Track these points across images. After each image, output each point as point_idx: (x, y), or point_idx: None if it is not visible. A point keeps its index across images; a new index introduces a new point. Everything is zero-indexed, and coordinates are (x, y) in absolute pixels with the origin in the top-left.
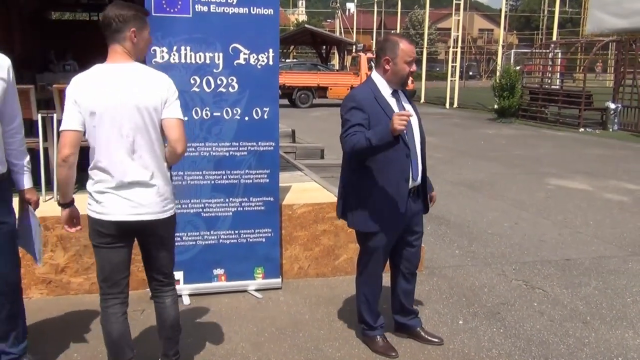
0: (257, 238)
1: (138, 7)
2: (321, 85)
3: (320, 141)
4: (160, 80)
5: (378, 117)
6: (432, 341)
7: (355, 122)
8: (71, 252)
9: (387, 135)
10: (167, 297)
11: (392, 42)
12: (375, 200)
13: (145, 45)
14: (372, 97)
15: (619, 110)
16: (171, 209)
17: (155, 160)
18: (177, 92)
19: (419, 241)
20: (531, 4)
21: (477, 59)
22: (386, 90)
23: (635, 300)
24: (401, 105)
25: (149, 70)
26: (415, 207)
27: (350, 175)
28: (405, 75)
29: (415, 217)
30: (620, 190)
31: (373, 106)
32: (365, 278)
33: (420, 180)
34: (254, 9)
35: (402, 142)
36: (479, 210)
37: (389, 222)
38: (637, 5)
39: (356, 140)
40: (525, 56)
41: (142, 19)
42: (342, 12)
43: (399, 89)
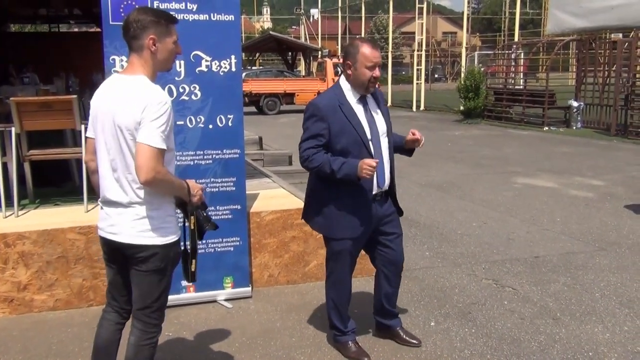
0: (225, 247)
1: (162, 13)
2: (288, 92)
3: (289, 147)
4: (139, 100)
5: (341, 125)
6: (411, 342)
7: (314, 132)
8: (33, 269)
9: (352, 175)
10: (132, 333)
11: (354, 46)
12: (339, 206)
13: (170, 56)
14: (336, 104)
15: (582, 108)
16: (152, 237)
17: (134, 183)
18: (158, 115)
19: (396, 242)
20: (493, 7)
21: (442, 61)
22: (352, 96)
23: (604, 295)
24: (369, 112)
25: (140, 86)
26: (383, 210)
27: (316, 180)
28: (366, 81)
29: (385, 219)
30: (586, 186)
31: (336, 114)
32: (332, 283)
33: (389, 185)
34: (215, 15)
35: (366, 152)
36: (448, 211)
37: (351, 228)
38: (594, 4)
39: (319, 163)
40: (489, 57)
41: (164, 25)
42: (307, 18)
43: (366, 95)
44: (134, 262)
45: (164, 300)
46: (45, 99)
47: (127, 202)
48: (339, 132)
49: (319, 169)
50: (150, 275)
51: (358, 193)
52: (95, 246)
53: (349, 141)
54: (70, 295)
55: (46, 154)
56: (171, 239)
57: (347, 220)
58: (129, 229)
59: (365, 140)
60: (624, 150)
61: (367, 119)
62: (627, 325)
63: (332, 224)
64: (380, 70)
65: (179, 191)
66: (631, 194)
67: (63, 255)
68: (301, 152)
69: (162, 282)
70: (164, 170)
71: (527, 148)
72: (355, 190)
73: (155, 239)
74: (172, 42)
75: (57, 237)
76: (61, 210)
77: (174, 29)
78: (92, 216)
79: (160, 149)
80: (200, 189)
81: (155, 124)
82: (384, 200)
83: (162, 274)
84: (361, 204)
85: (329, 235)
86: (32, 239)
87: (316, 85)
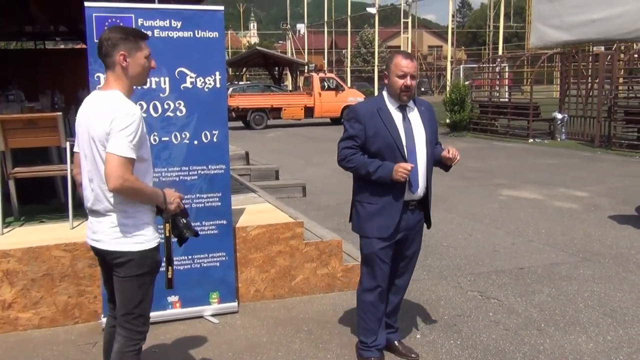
0: (211, 262)
1: (131, 30)
2: (275, 106)
3: (276, 162)
4: (108, 112)
5: (376, 129)
6: (409, 356)
7: (350, 133)
8: (18, 287)
9: (387, 178)
10: (116, 340)
11: (390, 56)
12: (371, 206)
13: (142, 71)
14: (374, 109)
15: (566, 120)
16: (127, 244)
17: (108, 192)
18: (125, 125)
19: (415, 257)
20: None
21: (428, 75)
22: (391, 104)
23: (587, 305)
24: (407, 120)
25: (111, 100)
26: (414, 220)
27: (355, 183)
28: (398, 89)
29: (412, 230)
30: (570, 197)
31: (373, 118)
32: (361, 290)
33: (423, 194)
34: (199, 32)
35: (400, 157)
36: (433, 224)
37: (379, 228)
38: (576, 18)
39: (356, 164)
40: (474, 71)
41: (133, 41)
42: (293, 33)
43: (405, 104)
44: (114, 268)
45: (146, 307)
46: (30, 116)
47: (104, 211)
48: (374, 134)
49: (356, 169)
50: (129, 281)
51: (390, 195)
52: (81, 263)
53: (383, 144)
54: (55, 312)
55: (31, 171)
56: (147, 246)
57: (377, 220)
58: (106, 236)
59: (399, 144)
60: (608, 161)
61: (404, 125)
62: (611, 334)
63: (362, 223)
64: (412, 80)
65: (153, 199)
66: (615, 204)
67: (48, 273)
68: (339, 152)
69: (142, 288)
70: (132, 178)
71: (513, 160)
72: (387, 192)
73: (131, 245)
74: (143, 56)
75: (42, 254)
76: (46, 228)
77: (144, 44)
78: (77, 233)
79: (127, 157)
80: (178, 197)
81: (123, 134)
82: (417, 209)
83: (140, 280)
84: (392, 207)
85: (360, 233)
86: (16, 256)
87: (303, 99)
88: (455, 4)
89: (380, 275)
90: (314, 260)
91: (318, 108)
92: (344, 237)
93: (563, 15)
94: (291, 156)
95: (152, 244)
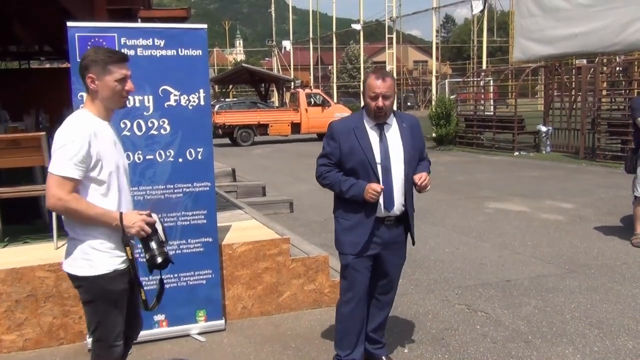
0: (198, 280)
1: (104, 53)
2: (262, 123)
3: (263, 178)
4: (57, 132)
5: (351, 147)
6: None
7: (326, 151)
8: (2, 309)
9: (359, 197)
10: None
11: (366, 75)
12: (345, 222)
13: (112, 94)
14: (350, 127)
15: (550, 132)
16: (75, 268)
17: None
18: (63, 143)
19: (396, 271)
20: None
21: (414, 89)
22: (368, 122)
23: (574, 317)
24: (384, 138)
25: (68, 119)
26: (391, 236)
27: (333, 199)
28: (371, 111)
29: (391, 246)
30: (556, 209)
31: (349, 136)
32: (339, 303)
33: (401, 211)
34: (182, 50)
35: (373, 175)
36: (421, 238)
37: (351, 244)
38: (558, 32)
39: (331, 181)
40: (459, 85)
41: (101, 65)
42: (279, 50)
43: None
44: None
45: (104, 333)
46: (13, 137)
47: (67, 231)
48: (349, 152)
49: (330, 186)
50: (84, 305)
51: (362, 213)
52: (65, 283)
53: (357, 162)
54: (40, 334)
55: (15, 191)
56: (93, 272)
57: (349, 236)
58: (65, 256)
59: (372, 163)
60: (593, 172)
61: (380, 143)
62: (597, 345)
63: (338, 239)
64: (385, 100)
65: (102, 221)
66: (600, 215)
67: (32, 294)
68: (316, 168)
69: (97, 314)
70: (69, 197)
71: (498, 173)
72: (360, 209)
73: (78, 269)
74: (112, 80)
75: (26, 275)
76: (30, 248)
77: (115, 68)
78: (61, 253)
79: (63, 176)
80: (141, 219)
81: (61, 152)
82: (394, 225)
83: (92, 306)
84: (363, 224)
85: (336, 248)
86: (0, 277)
87: (290, 115)
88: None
89: (357, 286)
90: (300, 277)
91: (305, 124)
92: (331, 253)
93: (545, 30)
94: (278, 172)
95: (100, 271)
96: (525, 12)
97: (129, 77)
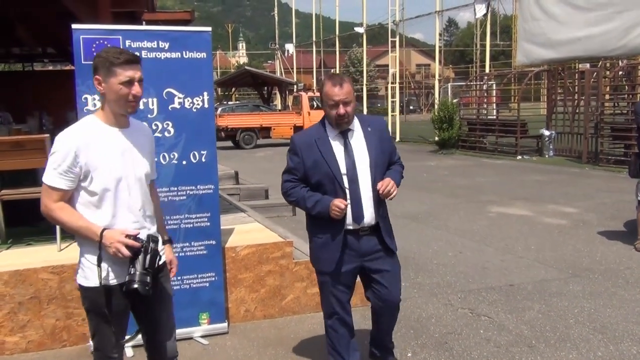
0: (201, 283)
1: (111, 54)
2: (264, 126)
3: (266, 181)
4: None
5: (314, 160)
6: None
7: (290, 166)
8: (5, 311)
9: (325, 214)
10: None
11: (322, 83)
12: (317, 239)
13: (117, 97)
14: (312, 140)
15: (553, 136)
16: (78, 273)
17: None
18: (52, 152)
19: (387, 279)
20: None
21: (417, 93)
22: (331, 132)
23: (578, 321)
24: (349, 147)
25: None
26: (370, 246)
27: (305, 214)
28: (333, 120)
29: (371, 255)
30: (559, 213)
31: (311, 149)
32: (324, 317)
33: (374, 221)
34: (187, 53)
35: (339, 187)
36: (423, 242)
37: (325, 261)
38: (561, 36)
39: (295, 198)
40: (462, 89)
41: (106, 67)
42: (282, 53)
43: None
44: None
45: (100, 343)
46: (16, 139)
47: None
48: (312, 166)
49: (296, 202)
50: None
51: (331, 229)
52: (69, 285)
53: (322, 176)
54: (43, 336)
55: (19, 193)
56: (84, 282)
57: (323, 253)
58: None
59: (337, 174)
60: (596, 177)
61: (345, 153)
62: (601, 350)
63: (313, 256)
64: (346, 107)
65: (83, 234)
66: (603, 220)
67: (35, 296)
68: (281, 185)
69: (91, 322)
70: (53, 207)
71: (501, 177)
72: (329, 225)
73: (77, 276)
74: (116, 83)
75: (29, 277)
76: (34, 250)
77: (119, 70)
78: (65, 255)
79: (49, 185)
80: (118, 241)
81: (50, 160)
82: (371, 236)
83: (87, 315)
84: (333, 241)
85: (313, 265)
86: (3, 279)
87: (292, 118)
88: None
89: (335, 302)
90: (304, 280)
91: (307, 127)
92: None
93: (548, 33)
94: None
95: (90, 283)
96: (529, 16)
97: (137, 80)
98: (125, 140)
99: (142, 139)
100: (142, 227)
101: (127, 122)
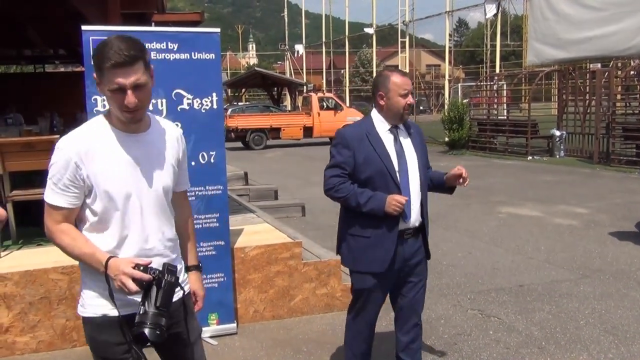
0: (210, 283)
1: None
2: (274, 127)
3: (275, 182)
4: None
5: (366, 154)
6: None
7: (338, 160)
8: (16, 311)
9: (379, 211)
10: None
11: (384, 76)
12: (363, 239)
13: (110, 102)
14: (363, 133)
15: (564, 137)
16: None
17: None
18: (50, 164)
19: (415, 290)
20: (475, 39)
21: (427, 93)
22: (383, 126)
23: (588, 323)
24: (399, 143)
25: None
26: (410, 250)
27: (344, 212)
28: (402, 108)
29: (410, 260)
30: (570, 214)
31: (362, 143)
32: (350, 322)
33: (419, 223)
34: (196, 54)
35: (393, 184)
36: (433, 242)
37: (375, 262)
38: (572, 36)
39: (345, 194)
40: (472, 89)
41: (97, 67)
42: (292, 54)
43: (398, 125)
44: None
45: None
46: (27, 140)
47: None
48: (365, 161)
49: (345, 199)
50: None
51: (383, 226)
52: (79, 286)
53: (374, 171)
54: (53, 336)
55: (29, 194)
56: (82, 312)
57: (371, 253)
58: None
59: (392, 171)
60: (607, 177)
61: (396, 149)
62: (612, 352)
63: (356, 257)
64: (413, 97)
65: (87, 263)
66: (614, 221)
67: (46, 296)
68: (325, 180)
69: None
70: (54, 229)
71: (512, 177)
72: (380, 223)
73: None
74: (105, 89)
75: (39, 277)
76: (44, 251)
77: (107, 76)
78: None
79: (49, 204)
80: (124, 273)
81: (49, 174)
82: (413, 238)
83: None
84: (386, 239)
85: (353, 268)
86: (14, 280)
87: (302, 119)
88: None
89: (371, 311)
90: (312, 280)
91: (317, 128)
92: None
93: (559, 33)
94: (290, 176)
95: (87, 313)
96: (539, 16)
97: (131, 87)
98: (138, 147)
99: (162, 144)
100: (158, 255)
101: (142, 126)
